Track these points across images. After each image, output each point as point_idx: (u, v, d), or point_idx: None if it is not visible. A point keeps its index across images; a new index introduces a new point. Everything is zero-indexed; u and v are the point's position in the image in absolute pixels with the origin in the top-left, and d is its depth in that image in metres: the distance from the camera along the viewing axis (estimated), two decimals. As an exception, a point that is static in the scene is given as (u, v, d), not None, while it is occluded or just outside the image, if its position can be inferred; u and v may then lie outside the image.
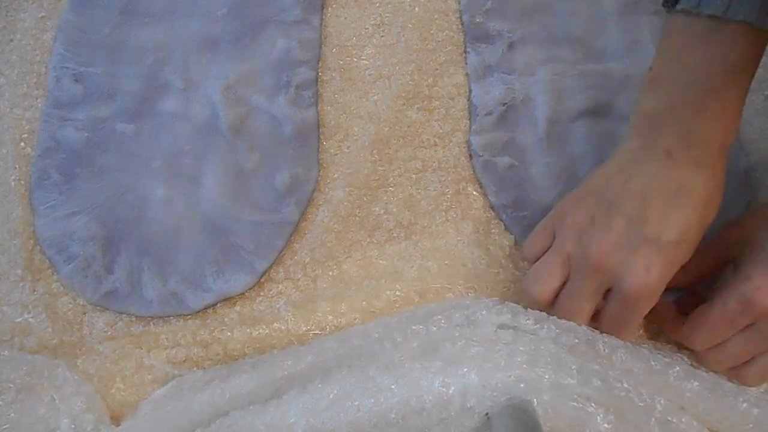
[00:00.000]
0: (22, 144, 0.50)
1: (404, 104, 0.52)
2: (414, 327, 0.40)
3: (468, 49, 0.54)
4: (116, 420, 0.42)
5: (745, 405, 0.38)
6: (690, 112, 0.38)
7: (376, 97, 0.53)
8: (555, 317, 0.40)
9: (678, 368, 0.39)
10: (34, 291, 0.45)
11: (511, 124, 0.51)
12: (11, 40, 0.54)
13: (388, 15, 0.56)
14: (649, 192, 0.38)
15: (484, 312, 0.40)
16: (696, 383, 0.38)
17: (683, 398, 0.38)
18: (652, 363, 0.39)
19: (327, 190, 0.49)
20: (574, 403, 0.36)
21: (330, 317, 0.44)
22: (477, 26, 0.55)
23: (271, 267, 0.46)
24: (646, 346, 0.42)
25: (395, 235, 0.48)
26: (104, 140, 0.50)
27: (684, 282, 0.41)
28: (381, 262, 0.47)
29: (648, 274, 0.37)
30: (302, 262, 0.47)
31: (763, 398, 0.40)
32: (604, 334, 0.40)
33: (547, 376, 0.37)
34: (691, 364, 0.40)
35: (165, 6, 0.55)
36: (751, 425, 0.38)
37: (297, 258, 0.47)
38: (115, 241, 0.46)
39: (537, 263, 0.42)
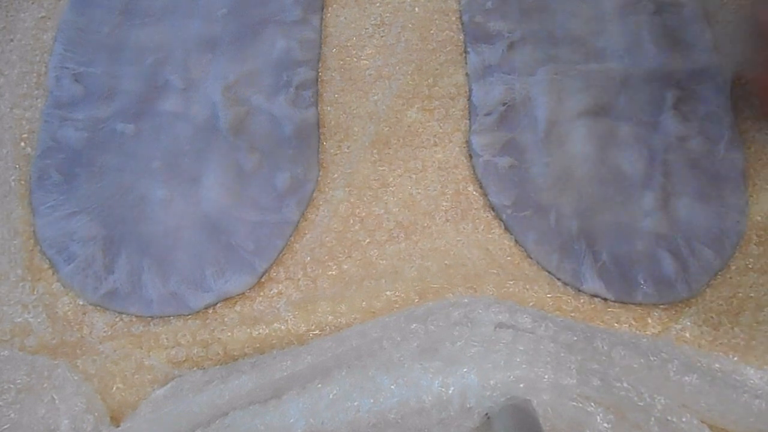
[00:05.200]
0: (22, 144, 0.50)
1: (404, 104, 0.52)
2: (413, 326, 0.40)
3: (468, 49, 0.54)
4: (116, 420, 0.42)
5: (746, 396, 0.38)
6: None
7: (376, 97, 0.53)
8: (552, 315, 0.40)
9: (677, 362, 0.39)
10: (34, 291, 0.45)
11: (511, 124, 0.51)
12: (11, 40, 0.54)
13: (388, 15, 0.56)
14: None
15: (481, 310, 0.40)
16: (695, 376, 0.38)
17: (684, 393, 0.38)
18: (651, 358, 0.39)
19: (327, 190, 0.50)
20: (574, 403, 0.36)
21: (330, 317, 0.44)
22: (477, 26, 0.55)
23: (271, 267, 0.46)
24: (645, 340, 0.42)
25: (395, 235, 0.48)
26: (104, 140, 0.50)
27: None
28: (381, 262, 0.47)
29: None
30: (302, 262, 0.47)
31: (763, 389, 0.40)
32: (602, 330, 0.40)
33: (546, 376, 0.37)
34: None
35: (165, 6, 0.55)
36: (753, 419, 0.38)
37: (297, 258, 0.47)
38: (115, 241, 0.46)
39: None
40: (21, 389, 0.40)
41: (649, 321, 0.45)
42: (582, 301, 0.46)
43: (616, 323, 0.45)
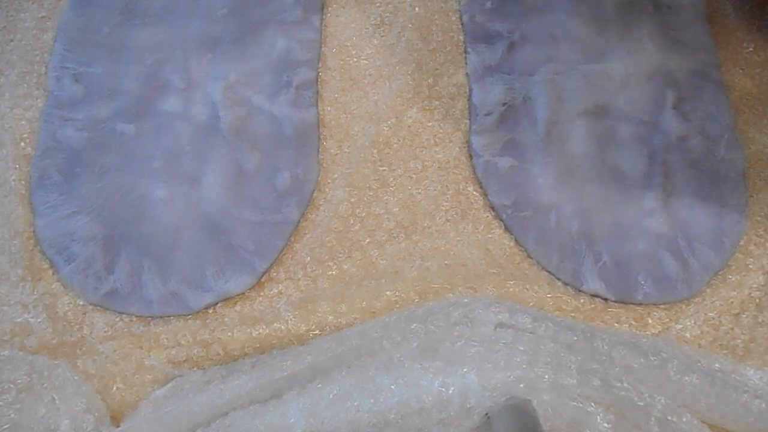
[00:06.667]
0: (23, 144, 0.50)
1: (404, 104, 0.52)
2: (413, 326, 0.40)
3: (468, 49, 0.54)
4: (116, 420, 0.42)
5: (746, 396, 0.38)
6: None
7: (376, 97, 0.53)
8: (552, 315, 0.40)
9: (677, 362, 0.39)
10: (34, 291, 0.45)
11: (511, 124, 0.51)
12: (11, 40, 0.54)
13: (388, 15, 0.56)
14: None
15: (481, 310, 0.40)
16: (695, 376, 0.38)
17: (684, 393, 0.38)
18: (651, 358, 0.39)
19: (327, 190, 0.50)
20: (574, 403, 0.36)
21: (330, 317, 0.44)
22: (477, 26, 0.55)
23: (271, 267, 0.46)
24: (645, 340, 0.42)
25: (395, 235, 0.48)
26: (104, 140, 0.50)
27: None
28: (381, 262, 0.47)
29: None
30: (302, 262, 0.47)
31: (763, 389, 0.40)
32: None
33: (546, 376, 0.37)
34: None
35: (165, 6, 0.55)
36: (752, 418, 0.38)
37: (297, 258, 0.47)
38: (115, 241, 0.46)
39: None
40: (21, 389, 0.40)
41: (649, 321, 0.45)
42: (582, 301, 0.46)
43: (616, 323, 0.45)
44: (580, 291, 0.46)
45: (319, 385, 0.38)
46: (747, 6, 0.54)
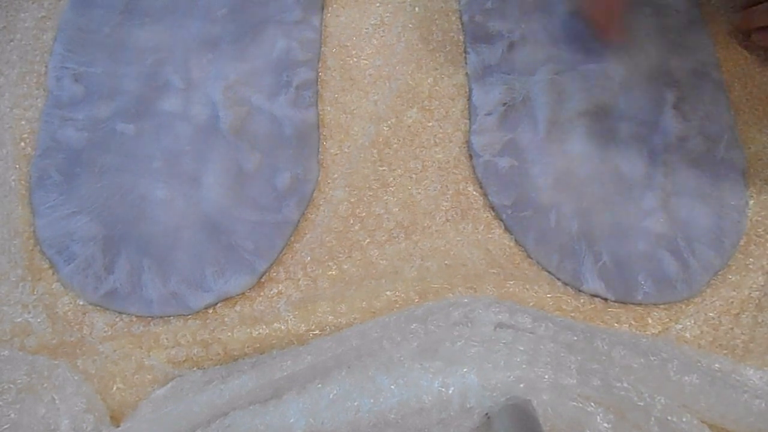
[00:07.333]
0: (22, 144, 0.50)
1: (404, 104, 0.52)
2: (413, 326, 0.40)
3: (468, 49, 0.54)
4: (116, 420, 0.42)
5: (746, 396, 0.38)
6: None
7: (376, 97, 0.53)
8: (552, 315, 0.40)
9: (677, 362, 0.39)
10: (34, 291, 0.45)
11: (511, 124, 0.51)
12: (11, 40, 0.54)
13: (388, 15, 0.56)
14: None
15: (481, 310, 0.40)
16: (695, 376, 0.38)
17: (684, 393, 0.38)
18: (651, 358, 0.39)
19: (327, 190, 0.50)
20: (574, 403, 0.36)
21: (330, 317, 0.44)
22: (477, 26, 0.55)
23: (271, 267, 0.46)
24: (645, 340, 0.42)
25: (395, 235, 0.48)
26: (104, 140, 0.50)
27: None
28: (381, 262, 0.47)
29: None
30: (302, 262, 0.47)
31: (763, 389, 0.40)
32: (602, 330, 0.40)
33: (546, 376, 0.37)
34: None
35: (165, 6, 0.55)
36: (753, 418, 0.38)
37: (297, 258, 0.47)
38: (115, 241, 0.46)
39: None
40: (21, 389, 0.40)
41: (649, 321, 0.45)
42: (582, 301, 0.46)
43: (616, 323, 0.45)
44: (580, 291, 0.46)
45: (319, 385, 0.38)
46: (747, 6, 0.54)
